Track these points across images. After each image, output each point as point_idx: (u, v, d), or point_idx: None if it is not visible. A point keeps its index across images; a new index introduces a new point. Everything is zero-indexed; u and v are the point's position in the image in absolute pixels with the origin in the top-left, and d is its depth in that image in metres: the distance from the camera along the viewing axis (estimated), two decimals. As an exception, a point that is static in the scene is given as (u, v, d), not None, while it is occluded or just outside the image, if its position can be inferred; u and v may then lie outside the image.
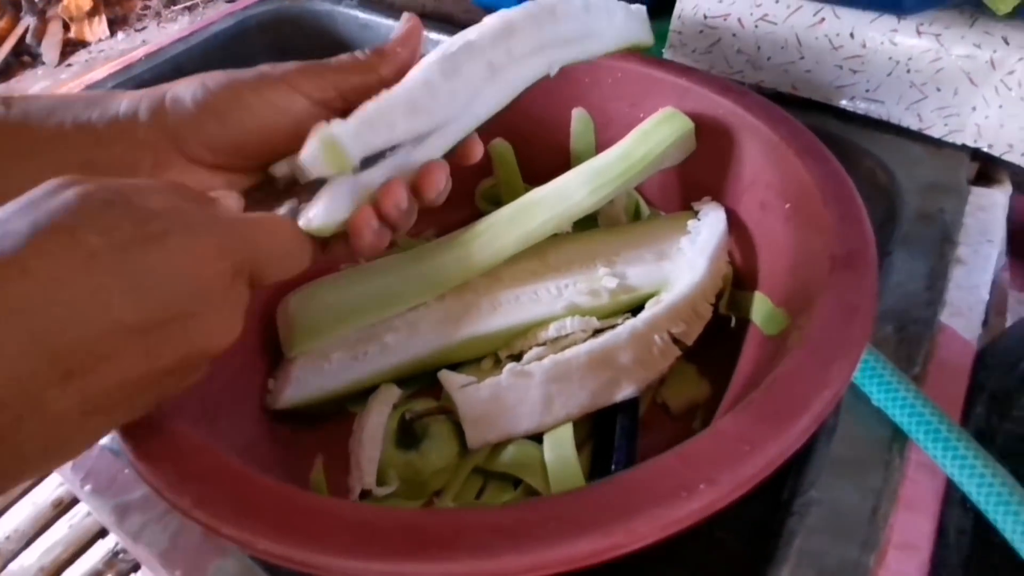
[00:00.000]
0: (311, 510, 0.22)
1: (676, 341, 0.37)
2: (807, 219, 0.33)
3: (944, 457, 0.28)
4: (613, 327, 0.36)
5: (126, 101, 0.26)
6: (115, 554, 0.41)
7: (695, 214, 0.42)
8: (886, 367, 0.31)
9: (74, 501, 0.44)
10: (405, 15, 0.30)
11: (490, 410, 0.34)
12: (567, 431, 0.34)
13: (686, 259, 0.39)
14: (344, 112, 0.27)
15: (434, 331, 0.38)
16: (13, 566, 0.43)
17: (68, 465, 0.31)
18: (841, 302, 0.27)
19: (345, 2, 0.66)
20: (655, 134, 0.40)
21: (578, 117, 0.47)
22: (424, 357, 0.38)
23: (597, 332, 0.38)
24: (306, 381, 0.37)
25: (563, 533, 0.20)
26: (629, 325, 0.35)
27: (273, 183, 0.28)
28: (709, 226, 0.40)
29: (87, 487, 0.30)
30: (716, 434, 0.23)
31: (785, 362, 0.25)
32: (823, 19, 0.46)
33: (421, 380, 0.39)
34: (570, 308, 0.38)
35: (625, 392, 0.35)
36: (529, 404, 0.34)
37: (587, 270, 0.40)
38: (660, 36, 0.53)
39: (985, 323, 0.40)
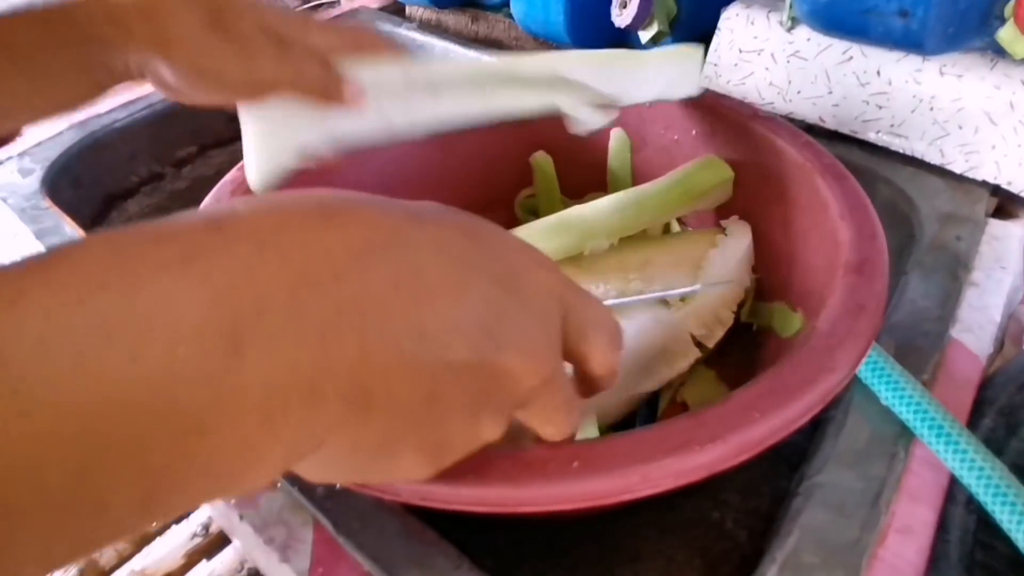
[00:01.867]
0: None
1: (698, 344, 0.39)
2: (826, 233, 0.35)
3: (947, 452, 0.30)
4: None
5: None
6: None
7: (723, 231, 0.44)
8: (894, 368, 0.33)
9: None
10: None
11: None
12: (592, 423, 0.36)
13: (713, 270, 0.42)
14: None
15: None
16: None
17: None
18: (851, 300, 0.29)
19: (405, 25, 0.72)
20: (696, 183, 0.43)
21: (616, 137, 0.51)
22: None
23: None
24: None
25: (586, 471, 0.23)
26: (653, 316, 0.38)
27: None
28: (735, 242, 0.43)
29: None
30: (728, 402, 0.25)
31: (796, 349, 0.27)
32: (851, 57, 0.49)
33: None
34: None
35: (645, 386, 0.37)
36: None
37: (619, 275, 0.43)
38: (696, 67, 0.57)
39: (1000, 349, 0.42)
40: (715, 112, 0.45)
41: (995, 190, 0.47)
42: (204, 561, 0.44)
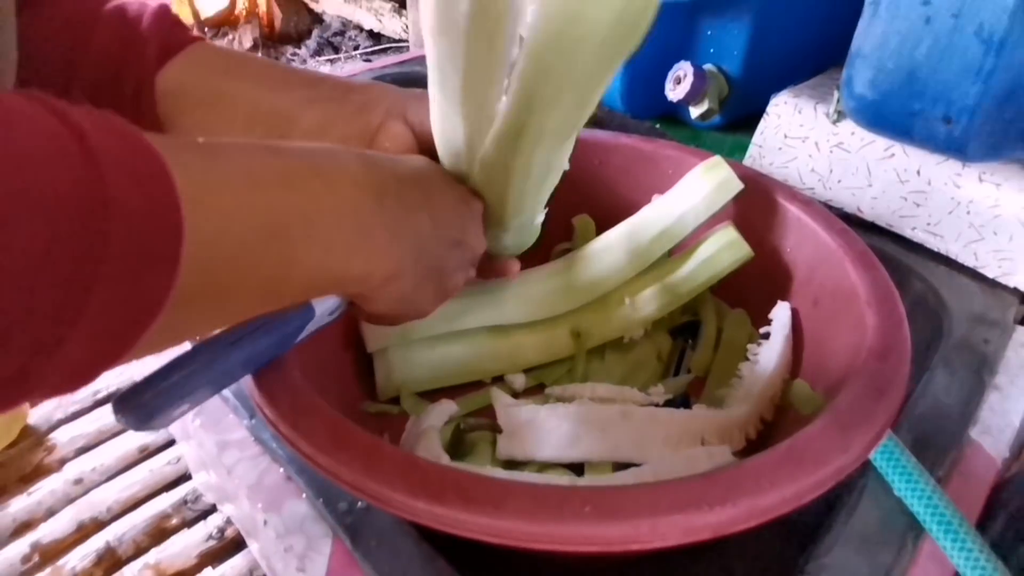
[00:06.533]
0: (394, 456, 0.26)
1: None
2: (852, 317, 0.37)
3: (954, 549, 0.30)
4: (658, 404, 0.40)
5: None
6: (184, 502, 0.46)
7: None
8: (909, 460, 0.33)
9: (158, 450, 0.49)
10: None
11: (524, 429, 0.38)
12: (607, 467, 0.37)
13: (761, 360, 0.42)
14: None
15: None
16: (93, 495, 0.48)
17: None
18: (872, 384, 0.30)
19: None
20: (717, 261, 0.45)
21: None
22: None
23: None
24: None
25: (597, 516, 0.24)
26: (674, 412, 0.38)
27: None
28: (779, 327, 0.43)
29: (197, 422, 0.36)
30: (741, 468, 0.26)
31: (813, 424, 0.28)
32: (893, 155, 0.51)
33: (478, 401, 0.44)
34: None
35: (647, 459, 0.38)
36: (558, 436, 0.38)
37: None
38: (741, 148, 0.59)
39: (1018, 455, 0.42)
40: (752, 188, 0.46)
41: (1025, 297, 0.47)
42: (209, 568, 0.45)
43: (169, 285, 0.18)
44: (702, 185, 0.45)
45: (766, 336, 0.42)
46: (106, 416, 0.54)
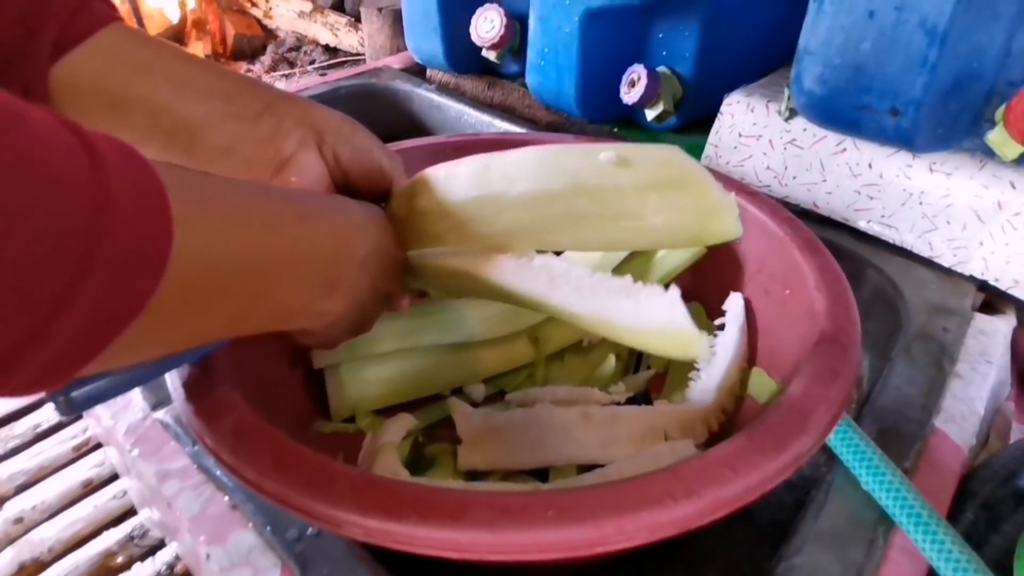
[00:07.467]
0: (344, 475, 0.25)
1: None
2: (803, 303, 0.36)
3: (925, 542, 0.30)
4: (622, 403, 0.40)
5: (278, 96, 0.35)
6: (131, 538, 0.43)
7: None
8: (875, 452, 0.33)
9: (102, 484, 0.46)
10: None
11: (485, 438, 0.37)
12: (571, 470, 0.36)
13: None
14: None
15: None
16: (34, 535, 0.45)
17: (122, 430, 0.34)
18: (824, 367, 0.30)
19: (424, 86, 0.75)
20: (672, 258, 0.46)
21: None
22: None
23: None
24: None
25: (561, 520, 0.23)
26: (635, 409, 0.38)
27: None
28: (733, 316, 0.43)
29: (135, 451, 0.34)
30: (703, 460, 0.25)
31: (771, 411, 0.28)
32: (844, 149, 0.51)
33: (436, 413, 0.42)
34: None
35: (611, 459, 0.37)
36: (520, 442, 0.37)
37: None
38: (697, 149, 0.59)
39: (984, 443, 0.42)
40: None
41: (982, 285, 0.48)
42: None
43: (151, 291, 0.19)
44: None
45: (721, 327, 0.42)
46: (47, 451, 0.51)
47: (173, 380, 0.29)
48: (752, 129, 0.55)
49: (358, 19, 1.30)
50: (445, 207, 0.33)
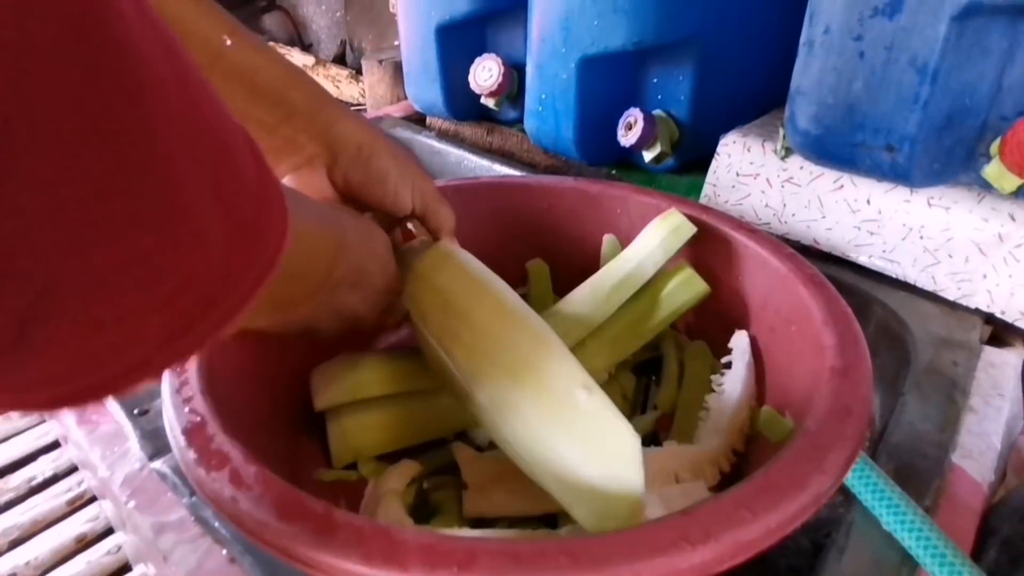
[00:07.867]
0: (348, 523, 0.24)
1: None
2: (810, 339, 0.36)
3: (951, 582, 0.29)
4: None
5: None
6: (125, 594, 0.42)
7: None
8: (895, 491, 0.32)
9: (96, 539, 0.45)
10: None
11: (492, 484, 0.36)
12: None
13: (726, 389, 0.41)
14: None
15: None
16: (24, 595, 0.43)
17: (119, 481, 0.33)
18: (836, 403, 0.29)
19: (424, 132, 0.76)
20: (677, 303, 0.45)
21: (608, 242, 0.52)
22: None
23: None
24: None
25: (575, 567, 0.22)
26: (644, 451, 0.37)
27: None
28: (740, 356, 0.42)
29: (131, 503, 0.33)
30: (720, 502, 0.24)
31: (786, 450, 0.27)
32: (842, 186, 0.51)
33: (440, 458, 0.41)
34: None
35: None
36: (528, 487, 0.35)
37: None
38: (696, 188, 0.60)
39: (1002, 479, 0.41)
40: (700, 222, 0.46)
41: (989, 318, 0.47)
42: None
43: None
44: (657, 233, 0.45)
45: (728, 366, 0.41)
46: (41, 504, 0.50)
47: (172, 427, 0.29)
48: (749, 168, 0.55)
49: (359, 72, 1.34)
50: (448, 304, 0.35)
